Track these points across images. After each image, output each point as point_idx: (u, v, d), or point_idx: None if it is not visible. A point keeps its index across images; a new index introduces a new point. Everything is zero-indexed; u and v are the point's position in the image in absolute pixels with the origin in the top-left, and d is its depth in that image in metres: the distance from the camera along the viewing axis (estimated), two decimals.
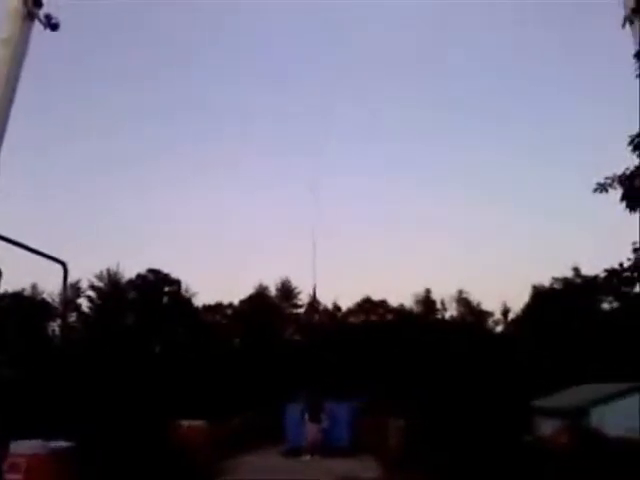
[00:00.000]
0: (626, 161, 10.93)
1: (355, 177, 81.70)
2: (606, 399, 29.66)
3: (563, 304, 49.40)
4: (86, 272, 57.48)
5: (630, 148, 10.67)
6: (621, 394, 29.89)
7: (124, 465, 7.64)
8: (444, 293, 61.26)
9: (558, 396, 34.59)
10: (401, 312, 60.17)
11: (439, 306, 61.59)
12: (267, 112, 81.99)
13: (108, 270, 57.04)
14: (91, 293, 58.04)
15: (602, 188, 10.99)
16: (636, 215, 10.81)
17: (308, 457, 20.92)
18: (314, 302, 56.86)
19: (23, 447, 4.26)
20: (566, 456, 16.84)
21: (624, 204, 10.81)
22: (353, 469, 17.09)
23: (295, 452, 21.55)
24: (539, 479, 13.63)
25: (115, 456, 7.36)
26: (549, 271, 68.44)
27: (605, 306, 54.05)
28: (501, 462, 15.88)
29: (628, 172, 10.81)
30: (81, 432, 5.62)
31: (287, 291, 62.04)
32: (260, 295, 60.55)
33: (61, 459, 4.27)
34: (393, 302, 61.22)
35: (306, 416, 21.91)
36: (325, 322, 60.13)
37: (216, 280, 78.37)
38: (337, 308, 62.05)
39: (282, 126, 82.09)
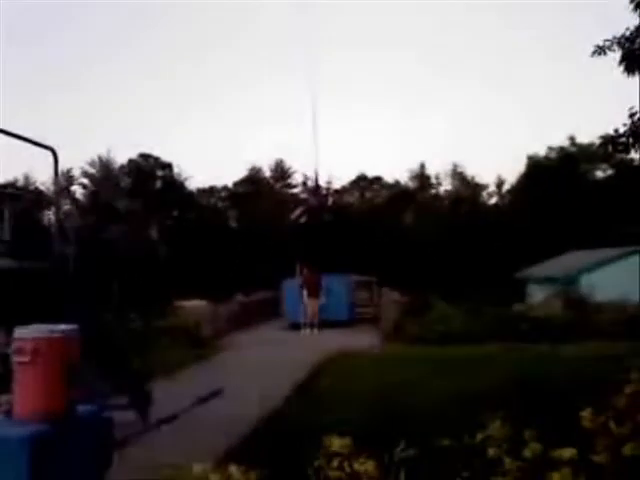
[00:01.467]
0: (626, 22, 10.56)
1: (351, 52, 79.61)
2: (597, 265, 30.30)
3: (558, 173, 49.39)
4: (78, 160, 57.16)
5: (631, 7, 10.26)
6: (612, 260, 30.49)
7: (123, 345, 7.88)
8: (439, 168, 61.22)
9: (550, 264, 35.29)
10: (396, 188, 60.28)
11: (434, 181, 61.63)
12: None
13: (99, 157, 56.64)
14: (84, 180, 57.91)
15: (601, 51, 10.63)
16: (634, 78, 10.57)
17: (307, 331, 21.52)
18: (317, 188, 56.54)
19: (27, 331, 4.37)
20: (556, 323, 17.39)
21: (622, 67, 10.55)
22: (350, 341, 17.65)
23: (295, 326, 22.15)
24: (528, 346, 14.09)
25: (115, 336, 7.58)
26: (545, 141, 68.13)
27: (599, 174, 54.17)
28: (491, 330, 16.41)
29: (628, 33, 10.43)
30: (82, 316, 5.75)
31: (281, 172, 61.87)
32: (254, 177, 60.43)
33: (65, 340, 4.41)
34: (388, 178, 61.25)
35: (304, 292, 22.27)
36: (322, 202, 60.19)
37: (208, 163, 78.15)
38: (335, 191, 61.72)
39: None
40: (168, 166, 56.89)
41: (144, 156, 56.78)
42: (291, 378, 11.55)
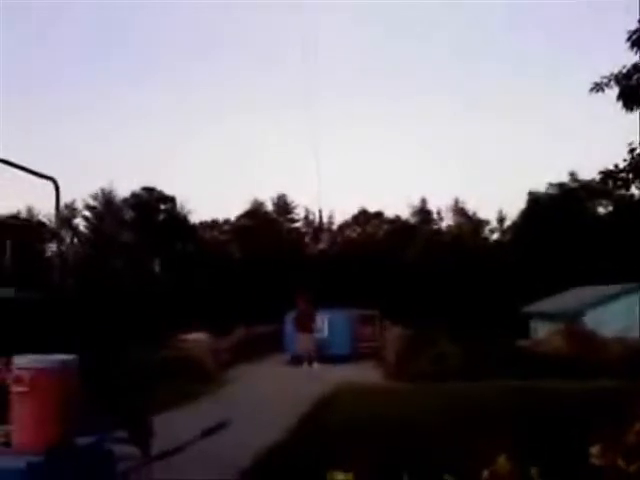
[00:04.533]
0: (624, 59, 10.74)
1: (353, 86, 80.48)
2: (601, 301, 30.18)
3: (559, 209, 49.53)
4: (82, 193, 57.44)
5: (628, 45, 10.44)
6: (616, 296, 30.39)
7: (125, 378, 7.78)
8: (440, 203, 61.39)
9: (554, 300, 35.15)
10: (397, 223, 60.41)
11: (435, 216, 61.79)
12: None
13: (102, 190, 56.88)
14: (87, 213, 58.10)
15: (599, 88, 10.80)
16: (633, 115, 10.70)
17: (305, 366, 21.20)
18: (321, 226, 56.77)
19: (26, 360, 4.34)
20: (560, 359, 17.25)
21: (621, 104, 10.70)
22: (351, 377, 17.48)
23: (297, 361, 21.93)
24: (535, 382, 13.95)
25: (116, 370, 7.49)
26: (546, 177, 68.40)
27: (601, 210, 54.36)
28: (496, 366, 16.26)
29: (625, 70, 10.62)
30: (81, 347, 5.70)
31: (284, 206, 62.11)
32: (257, 211, 60.66)
33: (63, 371, 4.39)
34: (389, 214, 61.40)
35: (296, 327, 21.98)
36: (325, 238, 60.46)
37: (211, 197, 78.45)
38: (338, 230, 61.85)
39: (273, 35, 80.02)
40: (171, 200, 57.10)
41: (147, 189, 57.04)
42: (292, 413, 11.41)
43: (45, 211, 53.80)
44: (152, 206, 56.93)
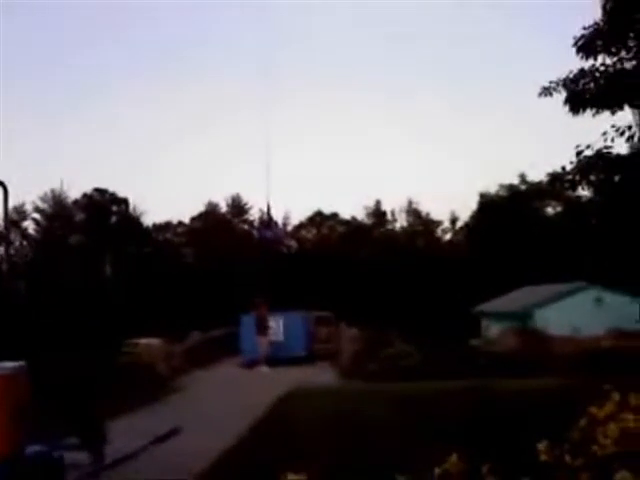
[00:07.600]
0: (571, 64, 11.05)
1: (306, 89, 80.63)
2: (550, 300, 30.77)
3: (508, 211, 50.37)
4: (31, 195, 56.18)
5: (574, 50, 10.76)
6: (565, 295, 31.02)
7: (75, 384, 7.68)
8: (394, 204, 61.83)
9: (504, 299, 35.71)
10: (352, 224, 60.65)
11: (389, 217, 62.18)
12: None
13: (52, 191, 55.62)
14: (36, 216, 56.76)
15: (547, 92, 11.09)
16: (580, 118, 11.00)
17: (262, 369, 21.17)
18: (269, 221, 56.45)
19: None
20: (511, 357, 17.54)
21: (568, 107, 10.99)
22: (307, 378, 17.50)
23: (253, 364, 21.85)
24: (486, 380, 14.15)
25: (66, 375, 7.39)
26: (497, 178, 69.55)
27: (550, 210, 55.48)
28: (449, 366, 16.45)
29: (572, 75, 10.91)
30: (30, 353, 5.60)
31: (238, 207, 61.72)
32: (211, 212, 60.18)
33: (13, 377, 4.30)
34: (345, 215, 61.64)
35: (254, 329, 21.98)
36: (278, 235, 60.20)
37: (164, 199, 77.75)
38: (295, 231, 61.77)
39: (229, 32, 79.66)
40: (124, 201, 56.21)
41: (99, 191, 56.06)
42: (246, 418, 11.36)
43: None
44: (104, 208, 55.97)
